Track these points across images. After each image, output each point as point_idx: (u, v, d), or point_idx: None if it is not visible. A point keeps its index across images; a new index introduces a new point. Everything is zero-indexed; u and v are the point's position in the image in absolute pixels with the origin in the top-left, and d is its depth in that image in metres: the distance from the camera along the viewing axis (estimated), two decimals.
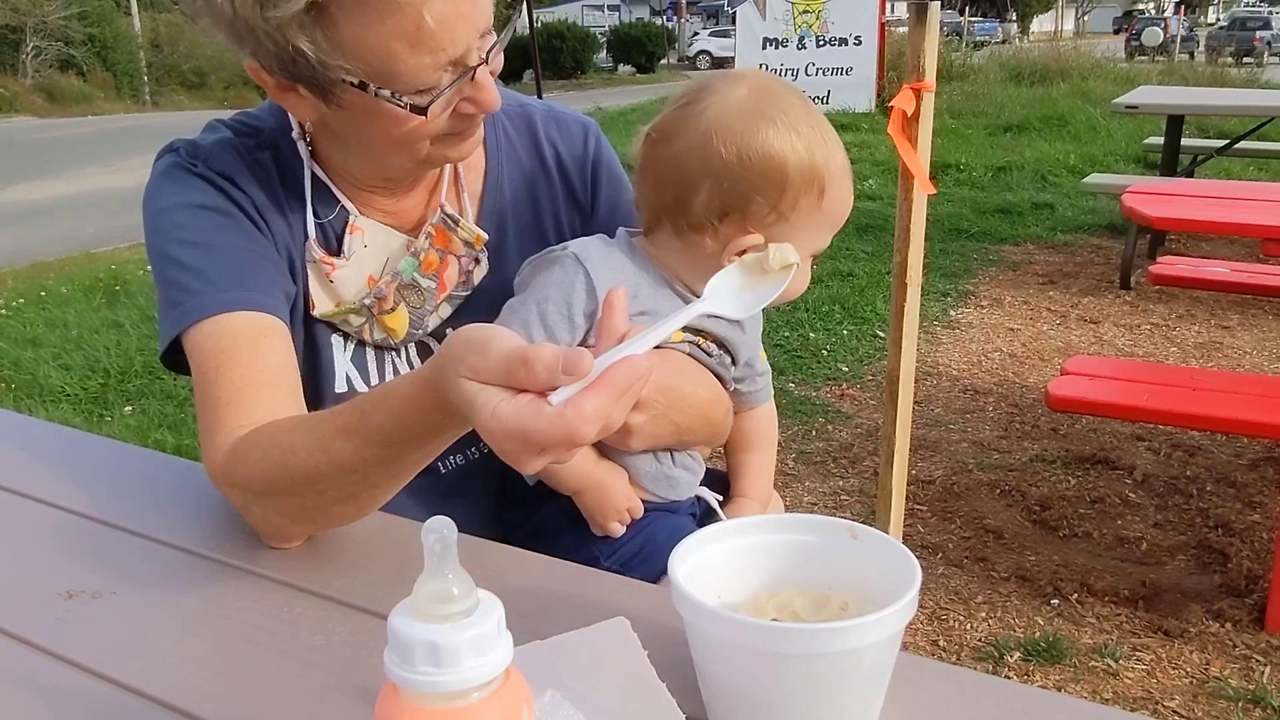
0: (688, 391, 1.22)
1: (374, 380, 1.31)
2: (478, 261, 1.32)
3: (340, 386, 1.29)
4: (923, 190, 2.13)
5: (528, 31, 11.50)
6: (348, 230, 1.26)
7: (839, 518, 0.85)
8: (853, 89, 13.39)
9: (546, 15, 33.63)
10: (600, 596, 0.96)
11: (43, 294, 6.56)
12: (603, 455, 1.25)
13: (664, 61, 36.92)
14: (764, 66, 13.78)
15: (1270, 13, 44.68)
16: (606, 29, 38.63)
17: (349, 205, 1.27)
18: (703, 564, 0.80)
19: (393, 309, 1.27)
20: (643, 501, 1.27)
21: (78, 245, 8.38)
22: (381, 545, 1.09)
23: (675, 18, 48.82)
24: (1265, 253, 3.59)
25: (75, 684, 0.86)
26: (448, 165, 1.31)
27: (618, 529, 1.25)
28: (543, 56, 22.08)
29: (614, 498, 1.23)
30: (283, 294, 1.20)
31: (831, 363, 4.94)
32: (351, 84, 1.06)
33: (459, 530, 0.60)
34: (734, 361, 1.30)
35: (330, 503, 1.00)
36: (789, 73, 13.74)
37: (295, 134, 1.26)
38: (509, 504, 1.35)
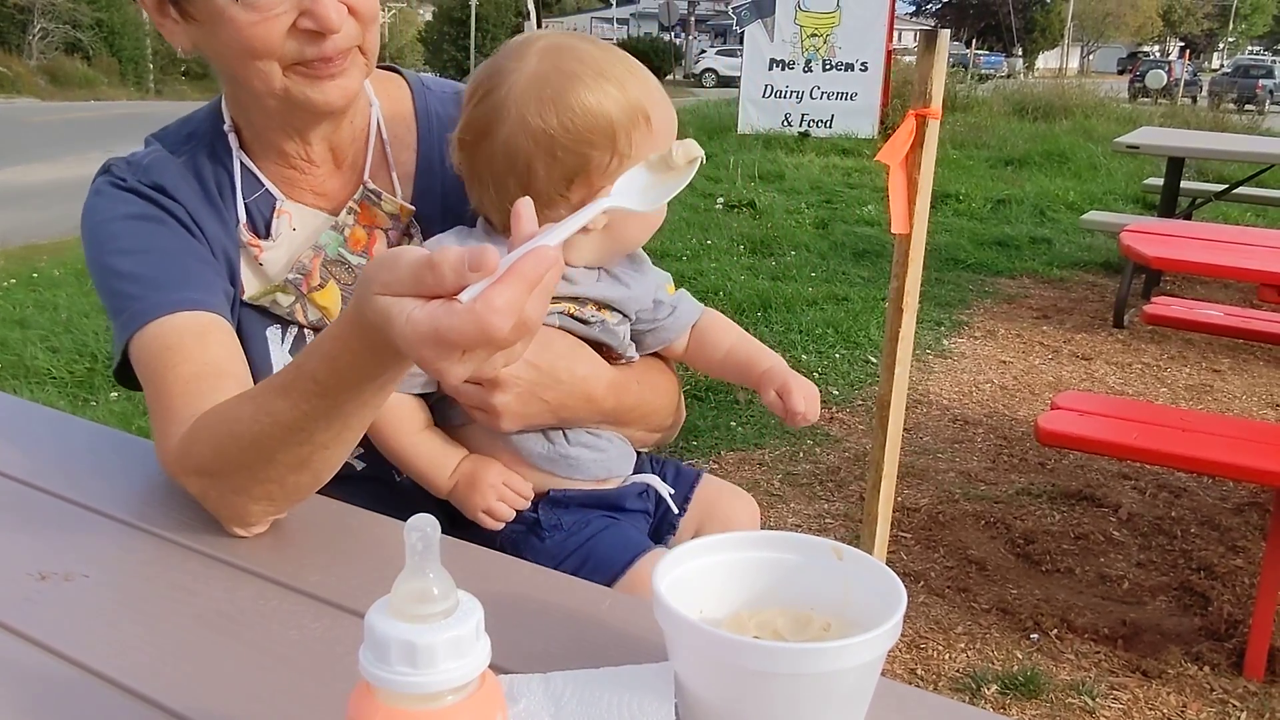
0: (560, 367, 1.21)
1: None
2: (409, 236, 1.32)
3: (273, 360, 1.29)
4: (897, 230, 2.11)
5: None
6: (275, 214, 1.29)
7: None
8: (857, 114, 13.44)
9: (556, 26, 33.70)
10: (575, 603, 0.95)
11: (34, 275, 6.54)
12: (485, 438, 1.25)
13: (669, 77, 37.04)
14: (769, 87, 13.85)
15: (1274, 61, 45.01)
16: (614, 41, 38.72)
17: (274, 191, 1.30)
18: (686, 578, 0.79)
19: (321, 285, 1.28)
20: (570, 491, 1.26)
21: (71, 229, 8.29)
22: (361, 542, 1.08)
23: (683, 34, 48.99)
24: (1260, 298, 3.59)
25: (41, 665, 0.85)
26: (371, 143, 1.32)
27: (489, 522, 1.23)
28: None
29: (478, 487, 1.22)
30: (223, 294, 1.23)
31: (822, 386, 4.93)
32: None
33: (442, 533, 0.59)
34: (625, 316, 1.27)
35: (284, 471, 1.00)
36: (793, 94, 13.80)
37: (226, 126, 1.29)
38: (452, 524, 1.33)
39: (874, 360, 5.24)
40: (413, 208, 1.32)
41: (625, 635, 0.89)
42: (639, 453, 1.36)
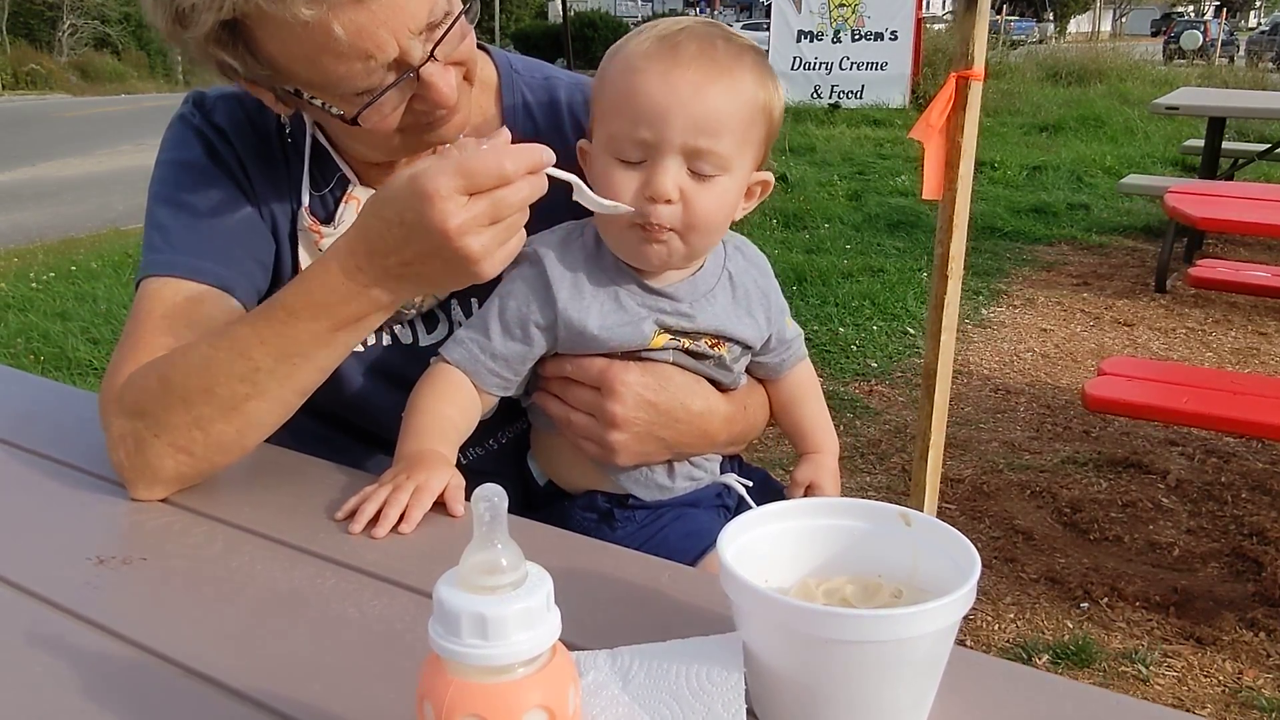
0: (676, 406, 1.19)
1: (370, 342, 1.30)
2: None
3: None
4: (928, 195, 2.07)
5: (560, 20, 11.49)
6: (344, 199, 1.26)
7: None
8: (887, 84, 13.30)
9: (579, 4, 33.59)
10: (642, 579, 0.94)
11: (73, 268, 6.60)
12: (571, 448, 1.23)
13: None
14: (798, 60, 13.72)
15: None
16: (639, 19, 38.55)
17: (350, 174, 1.28)
18: (750, 546, 0.77)
19: None
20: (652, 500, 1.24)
21: (107, 222, 8.43)
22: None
23: (708, 9, 48.67)
24: None
25: (104, 648, 0.85)
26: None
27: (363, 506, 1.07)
28: (575, 46, 22.05)
29: (407, 482, 1.06)
30: (248, 260, 1.22)
31: (860, 359, 4.89)
32: (289, 92, 1.10)
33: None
34: (748, 347, 1.25)
35: (215, 411, 1.03)
36: (823, 66, 13.66)
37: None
38: (528, 506, 1.32)
39: (912, 331, 5.19)
40: None
41: (691, 608, 0.88)
42: None
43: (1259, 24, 52.90)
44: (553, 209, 1.31)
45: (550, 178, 0.99)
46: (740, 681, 0.71)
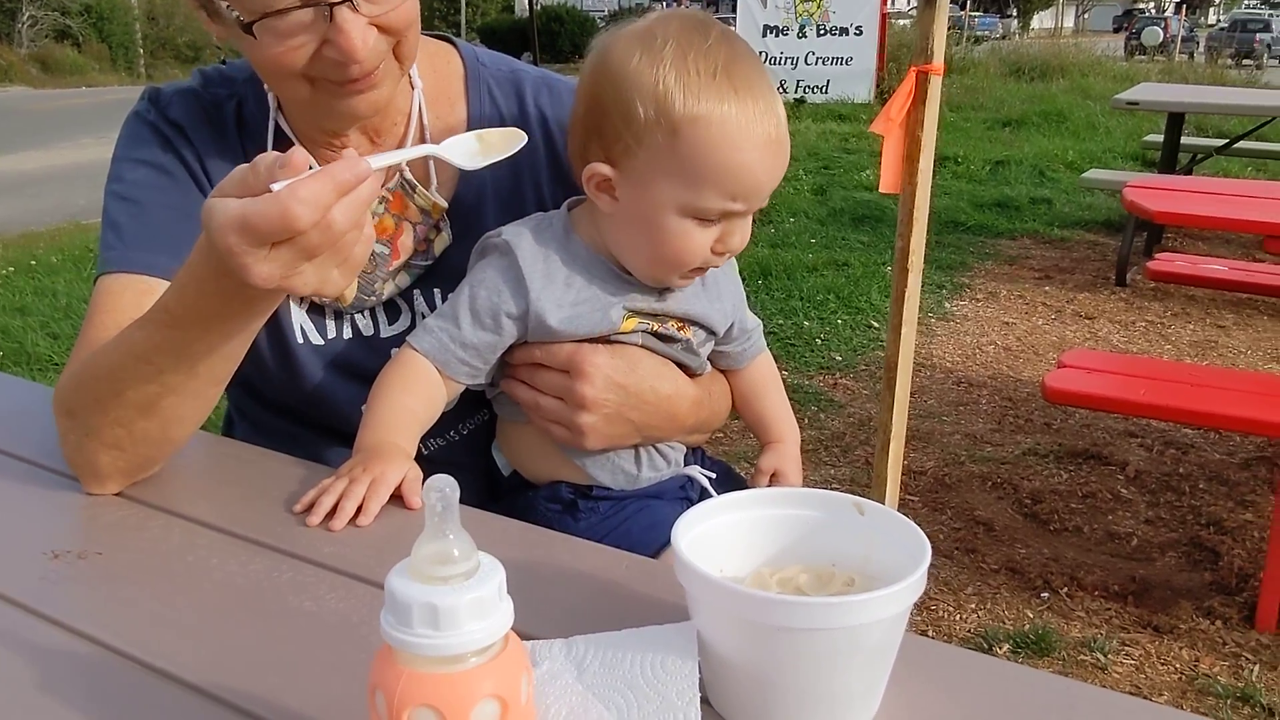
0: (645, 388, 1.19)
1: (330, 335, 1.29)
2: (438, 230, 1.29)
3: (298, 338, 1.28)
4: (886, 189, 2.09)
5: (526, 14, 11.47)
6: None
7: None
8: (852, 79, 13.36)
9: None
10: (600, 570, 0.95)
11: (33, 263, 6.52)
12: (539, 436, 1.23)
13: None
14: (764, 54, 13.75)
15: (1271, 15, 44.72)
16: (606, 13, 38.49)
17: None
18: (706, 536, 0.78)
19: None
20: (614, 490, 1.25)
21: (68, 216, 8.33)
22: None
23: (675, 5, 48.67)
24: (1266, 249, 3.58)
25: (61, 643, 0.84)
26: (412, 127, 1.28)
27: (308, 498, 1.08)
28: (541, 40, 22.00)
29: (361, 475, 1.05)
30: None
31: (825, 352, 4.92)
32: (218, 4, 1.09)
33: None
34: (713, 333, 1.26)
35: (133, 413, 1.02)
36: (789, 61, 13.71)
37: (267, 85, 1.25)
38: (492, 497, 1.33)
39: (876, 325, 5.23)
40: (445, 204, 1.28)
41: (649, 599, 0.88)
42: None
43: (1218, 20, 53.59)
44: (516, 199, 1.32)
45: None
46: (694, 670, 0.71)
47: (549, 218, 1.22)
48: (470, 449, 1.35)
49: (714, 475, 1.33)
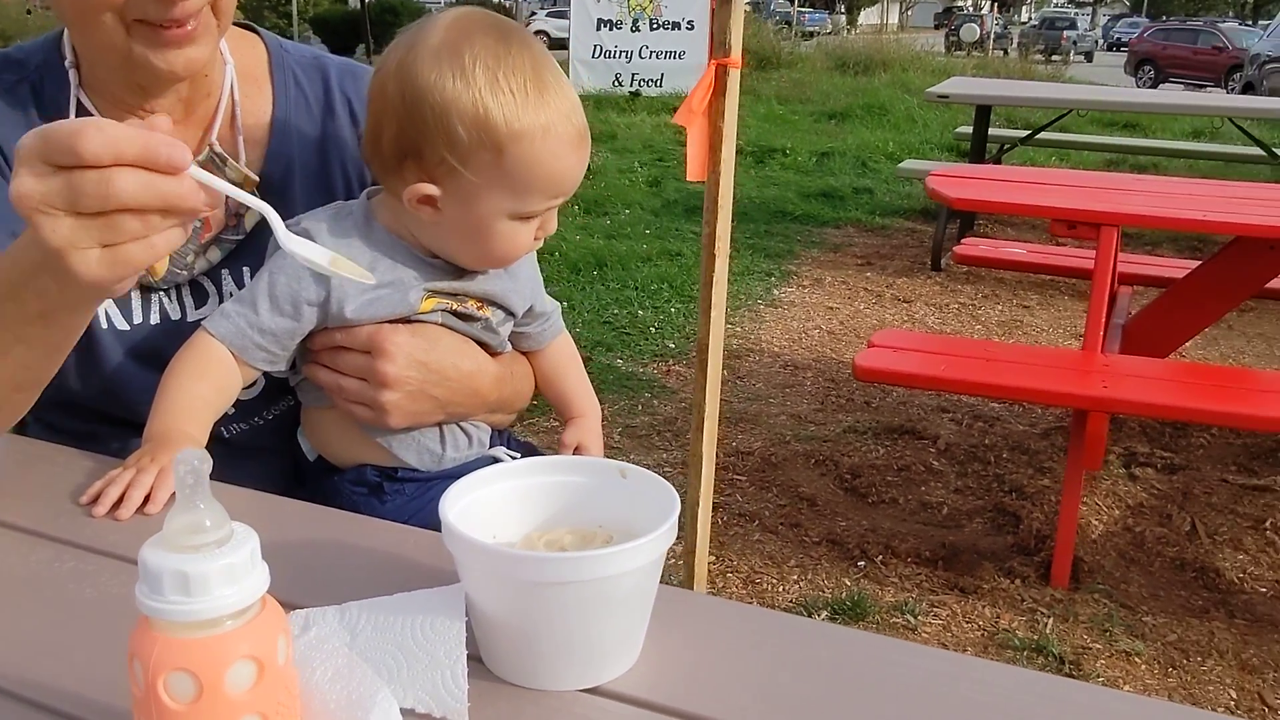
0: (446, 364, 1.22)
1: (137, 320, 1.28)
2: (248, 206, 1.30)
3: (102, 323, 1.27)
4: (692, 177, 2.18)
5: (359, 4, 11.22)
6: None
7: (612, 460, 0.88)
8: (685, 73, 13.58)
9: None
10: (385, 546, 0.98)
11: None
12: (342, 420, 1.25)
13: None
14: (598, 48, 13.85)
15: (1077, 13, 47.41)
16: (442, 4, 37.97)
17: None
18: (478, 504, 0.82)
19: None
20: (420, 472, 1.28)
21: None
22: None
23: None
24: (1051, 232, 3.83)
25: None
26: (223, 102, 1.28)
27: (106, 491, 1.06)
28: (374, 31, 21.55)
29: (149, 463, 1.05)
30: (7, 240, 1.18)
31: (659, 339, 5.02)
32: None
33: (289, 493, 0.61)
34: (512, 313, 1.30)
35: None
36: (623, 54, 13.84)
37: (68, 62, 1.23)
38: (298, 482, 1.34)
39: None
40: (257, 178, 1.28)
41: (430, 569, 0.92)
42: None
43: (1029, 18, 56.47)
44: (324, 177, 1.33)
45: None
46: (461, 630, 0.75)
47: (348, 206, 1.24)
48: (275, 433, 1.36)
49: (518, 455, 1.37)
